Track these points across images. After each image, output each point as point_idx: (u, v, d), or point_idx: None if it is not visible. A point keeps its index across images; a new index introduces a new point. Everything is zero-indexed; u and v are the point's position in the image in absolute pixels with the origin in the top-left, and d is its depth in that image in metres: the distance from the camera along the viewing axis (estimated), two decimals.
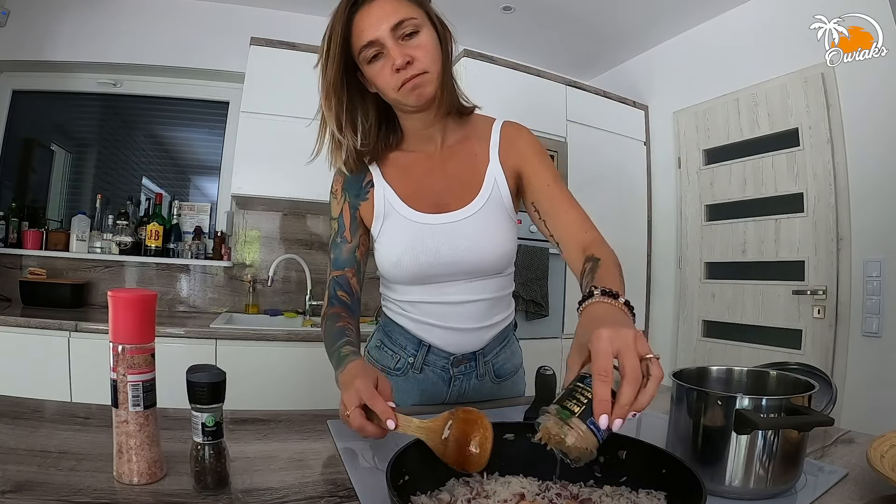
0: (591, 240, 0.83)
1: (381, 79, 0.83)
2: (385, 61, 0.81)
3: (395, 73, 0.80)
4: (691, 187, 2.81)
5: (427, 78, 0.82)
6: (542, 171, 0.92)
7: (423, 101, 0.84)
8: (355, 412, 0.64)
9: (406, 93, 0.82)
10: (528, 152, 0.94)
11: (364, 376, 0.68)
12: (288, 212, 2.72)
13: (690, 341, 2.79)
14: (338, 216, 0.98)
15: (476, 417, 0.60)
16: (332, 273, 0.97)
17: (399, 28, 0.80)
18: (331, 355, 0.85)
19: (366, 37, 0.80)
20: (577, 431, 0.49)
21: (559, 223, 0.88)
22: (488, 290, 0.96)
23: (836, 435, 0.83)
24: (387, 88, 0.83)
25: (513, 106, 2.40)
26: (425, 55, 0.81)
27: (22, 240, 2.42)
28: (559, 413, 0.50)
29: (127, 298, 0.56)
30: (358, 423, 0.64)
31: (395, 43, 0.80)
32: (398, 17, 0.79)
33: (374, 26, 0.79)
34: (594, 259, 0.77)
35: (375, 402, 0.63)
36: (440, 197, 0.93)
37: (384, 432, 0.64)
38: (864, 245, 2.04)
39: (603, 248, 0.80)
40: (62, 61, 2.49)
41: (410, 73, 0.80)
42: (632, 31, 2.88)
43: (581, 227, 0.85)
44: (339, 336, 0.85)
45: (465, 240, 0.90)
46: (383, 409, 0.62)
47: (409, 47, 0.80)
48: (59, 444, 0.65)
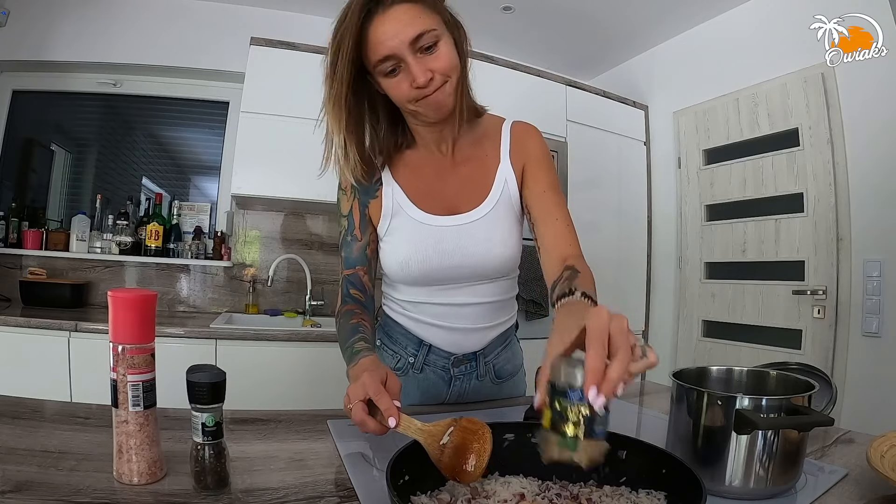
0: (573, 254, 0.83)
1: (399, 92, 0.79)
2: (403, 76, 0.77)
3: (413, 89, 0.78)
4: (691, 187, 2.81)
5: (447, 89, 0.80)
6: (541, 175, 0.92)
7: (443, 114, 0.82)
8: (358, 405, 0.63)
9: (425, 106, 0.80)
10: (534, 154, 0.94)
11: (373, 372, 0.68)
12: (288, 212, 2.72)
13: (690, 341, 2.79)
14: (347, 213, 0.96)
15: (478, 429, 0.59)
16: (344, 272, 0.95)
17: (418, 41, 0.75)
18: (344, 351, 0.83)
19: (382, 51, 0.75)
20: (585, 453, 0.48)
21: (545, 231, 0.87)
22: (493, 293, 0.96)
23: (836, 435, 0.83)
24: (404, 101, 0.81)
25: (513, 106, 2.39)
26: (445, 66, 0.78)
27: (22, 240, 2.42)
28: (561, 444, 0.49)
29: (127, 298, 0.56)
30: (359, 416, 0.63)
31: (414, 58, 0.76)
32: (416, 29, 0.74)
33: (391, 39, 0.74)
34: (573, 269, 0.76)
35: (381, 397, 0.63)
36: (451, 199, 0.92)
37: (384, 430, 0.63)
38: (864, 245, 2.04)
39: (583, 263, 0.80)
40: (62, 61, 2.49)
41: (432, 88, 0.78)
42: (632, 30, 2.88)
43: (565, 240, 0.85)
44: (353, 332, 0.84)
45: (475, 242, 0.90)
46: (387, 405, 0.62)
47: (428, 61, 0.77)
48: (59, 444, 0.65)
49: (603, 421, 0.49)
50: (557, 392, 0.49)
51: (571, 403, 0.48)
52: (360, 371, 0.70)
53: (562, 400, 0.49)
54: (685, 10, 2.62)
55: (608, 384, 0.46)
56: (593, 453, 0.48)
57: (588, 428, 0.48)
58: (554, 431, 0.49)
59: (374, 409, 0.64)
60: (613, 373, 0.47)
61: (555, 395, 0.49)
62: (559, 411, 0.49)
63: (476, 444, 0.57)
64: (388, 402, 0.62)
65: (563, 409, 0.49)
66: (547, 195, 0.90)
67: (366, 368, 0.70)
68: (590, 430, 0.48)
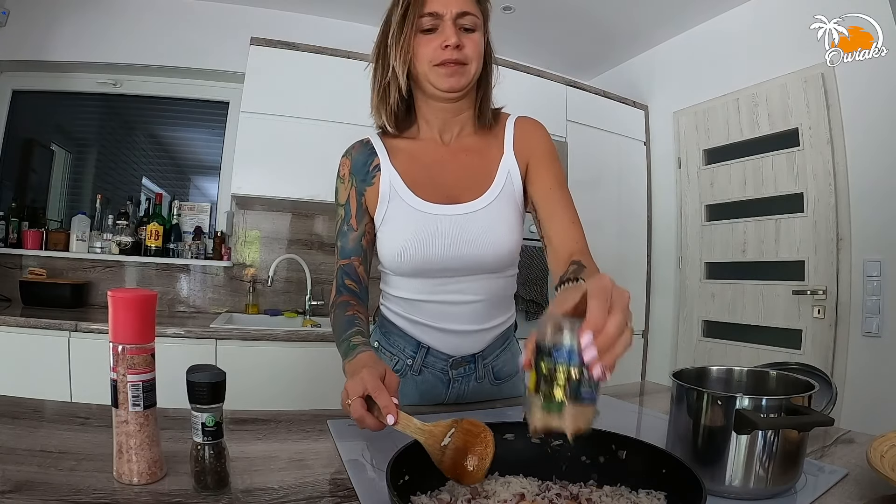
0: (579, 250, 0.83)
1: (426, 49, 0.86)
2: (436, 36, 0.85)
3: (440, 49, 0.85)
4: (691, 187, 2.81)
5: (465, 69, 0.87)
6: (546, 172, 0.92)
7: (452, 87, 0.87)
8: (356, 402, 0.63)
9: (440, 73, 0.86)
10: (539, 150, 0.94)
11: (371, 367, 0.68)
12: (288, 212, 2.72)
13: (690, 341, 2.79)
14: (345, 202, 0.96)
15: (480, 431, 0.58)
16: (339, 262, 0.95)
17: (462, 18, 0.85)
18: (340, 344, 0.82)
19: (432, 6, 0.85)
20: (572, 419, 0.45)
21: (553, 228, 0.88)
22: (490, 290, 0.95)
23: (836, 435, 0.83)
24: (424, 60, 0.87)
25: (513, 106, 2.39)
26: (473, 50, 0.87)
27: (22, 240, 2.42)
28: (547, 408, 0.46)
29: (127, 298, 0.56)
30: (358, 413, 0.63)
31: (453, 25, 0.85)
32: (465, 7, 0.85)
33: (442, 3, 0.85)
34: (579, 263, 0.76)
35: (379, 394, 0.62)
36: (450, 188, 0.92)
37: (382, 426, 0.62)
38: (864, 245, 2.04)
39: (589, 259, 0.80)
40: (62, 61, 2.49)
41: (454, 56, 0.85)
42: (632, 30, 2.88)
43: (572, 238, 0.85)
44: (349, 325, 0.83)
45: (475, 232, 0.90)
46: (386, 402, 0.61)
47: (463, 36, 0.86)
48: (59, 444, 0.65)
49: (591, 383, 0.45)
50: (543, 352, 0.46)
51: (558, 364, 0.45)
52: (359, 366, 0.70)
53: (548, 360, 0.46)
54: (685, 10, 2.62)
55: (605, 337, 0.44)
56: (580, 419, 0.45)
57: (574, 390, 0.45)
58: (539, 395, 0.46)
59: (373, 405, 0.63)
60: (612, 327, 0.45)
61: (541, 355, 0.46)
62: (544, 374, 0.46)
63: (479, 447, 0.57)
64: (387, 400, 0.62)
65: (548, 370, 0.46)
66: (553, 193, 0.90)
67: (364, 364, 0.70)
68: (576, 393, 0.45)
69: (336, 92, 2.31)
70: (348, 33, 2.63)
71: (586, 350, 0.44)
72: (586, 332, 0.44)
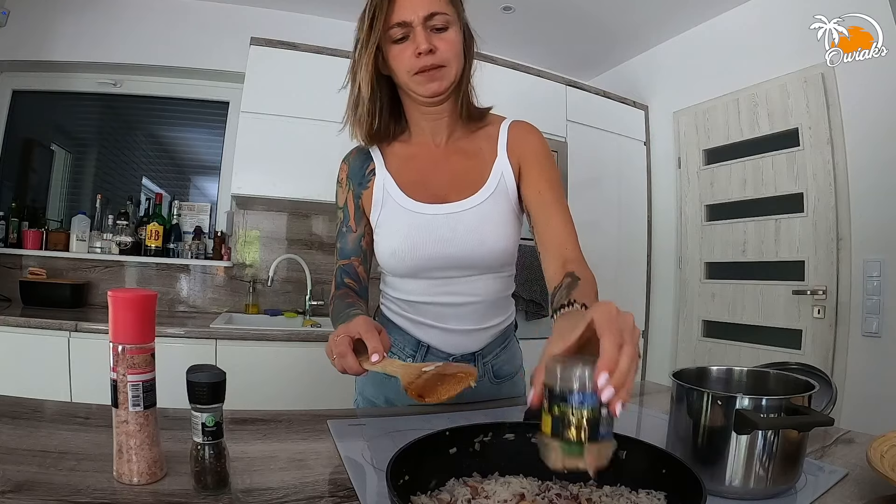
0: (572, 257, 0.83)
1: (400, 60, 0.85)
2: (409, 44, 0.84)
3: (414, 58, 0.83)
4: (691, 187, 2.81)
5: (444, 72, 0.85)
6: (539, 174, 0.92)
7: (434, 92, 0.86)
8: (343, 338, 0.64)
9: (419, 81, 0.85)
10: (533, 153, 0.94)
11: (368, 322, 0.69)
12: (288, 212, 2.72)
13: (690, 341, 2.79)
14: (343, 205, 0.99)
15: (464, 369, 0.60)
16: (339, 262, 0.97)
17: (431, 20, 0.83)
18: (337, 322, 0.83)
19: (399, 16, 0.83)
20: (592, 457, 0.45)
21: (545, 232, 0.88)
22: (487, 290, 0.96)
23: (836, 435, 0.83)
24: (402, 71, 0.86)
25: (513, 106, 2.39)
26: (448, 49, 0.85)
27: (22, 240, 2.42)
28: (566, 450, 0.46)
29: (127, 298, 0.56)
30: (342, 348, 0.64)
31: (423, 30, 0.83)
32: (433, 8, 0.83)
33: (409, 9, 0.82)
34: (574, 276, 0.76)
35: (370, 336, 0.63)
36: (442, 189, 0.93)
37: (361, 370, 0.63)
38: (864, 245, 2.04)
39: (584, 268, 0.80)
40: (62, 61, 2.49)
41: (430, 62, 0.83)
42: (632, 31, 2.88)
43: (564, 242, 0.85)
44: (349, 307, 0.85)
45: (466, 231, 0.90)
46: (375, 344, 0.62)
47: (435, 38, 0.84)
48: (59, 444, 0.65)
49: (607, 421, 0.46)
50: (556, 397, 0.46)
51: (572, 408, 0.45)
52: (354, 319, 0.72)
53: (561, 405, 0.46)
54: (685, 10, 2.62)
55: (620, 374, 0.44)
56: (600, 456, 0.46)
57: (592, 430, 0.45)
58: (556, 438, 0.47)
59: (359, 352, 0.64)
60: (625, 363, 0.45)
61: (553, 400, 0.47)
62: (558, 417, 0.46)
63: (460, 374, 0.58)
64: (377, 343, 0.63)
65: (562, 413, 0.46)
66: (545, 195, 0.90)
67: (361, 320, 0.71)
68: (594, 433, 0.45)
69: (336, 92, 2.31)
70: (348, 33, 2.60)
71: (604, 391, 0.44)
72: (602, 374, 0.44)
